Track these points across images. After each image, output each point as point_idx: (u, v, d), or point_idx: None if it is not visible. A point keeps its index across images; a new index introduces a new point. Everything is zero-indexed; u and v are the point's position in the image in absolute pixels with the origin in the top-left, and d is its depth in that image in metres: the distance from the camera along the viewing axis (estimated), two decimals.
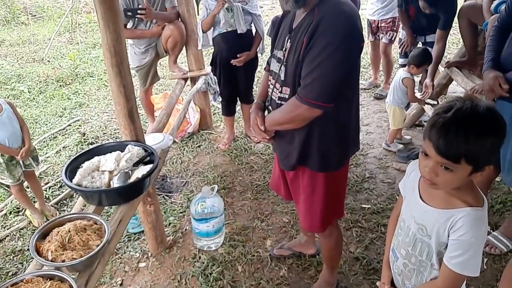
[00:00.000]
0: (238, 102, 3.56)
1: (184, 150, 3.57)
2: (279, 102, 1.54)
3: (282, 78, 1.51)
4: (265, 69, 1.77)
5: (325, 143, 1.53)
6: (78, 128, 4.14)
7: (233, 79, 3.28)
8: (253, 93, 3.52)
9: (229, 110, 3.53)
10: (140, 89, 3.66)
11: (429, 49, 3.12)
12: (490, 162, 1.02)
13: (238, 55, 3.10)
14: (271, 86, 1.60)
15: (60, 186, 3.17)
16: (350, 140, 1.62)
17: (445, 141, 0.97)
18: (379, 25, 4.08)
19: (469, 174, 1.02)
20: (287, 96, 1.50)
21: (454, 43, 5.38)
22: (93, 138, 3.87)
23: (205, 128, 3.87)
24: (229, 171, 3.22)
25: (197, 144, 3.66)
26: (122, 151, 1.96)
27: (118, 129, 4.00)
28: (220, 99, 3.56)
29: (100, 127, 4.12)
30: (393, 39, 4.07)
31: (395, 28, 4.02)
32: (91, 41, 7.16)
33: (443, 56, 3.17)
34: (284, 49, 1.49)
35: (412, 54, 3.05)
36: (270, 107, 1.64)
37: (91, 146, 3.48)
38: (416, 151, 3.10)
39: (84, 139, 3.83)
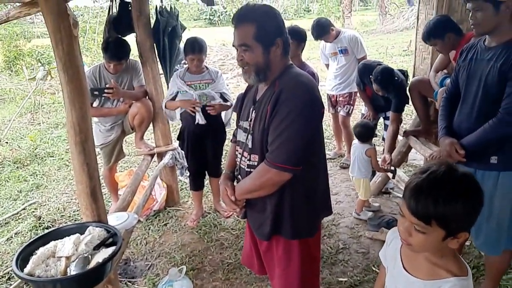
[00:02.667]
0: (207, 176, 3.51)
1: (149, 229, 3.38)
2: (248, 170, 1.58)
3: (250, 146, 1.56)
4: (231, 141, 1.83)
5: (297, 208, 1.55)
6: (33, 211, 3.86)
7: (201, 152, 3.27)
8: (222, 166, 3.50)
9: (197, 185, 3.46)
10: (104, 167, 3.55)
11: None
12: (464, 228, 1.02)
13: (212, 102, 3.08)
14: (239, 156, 1.64)
15: (9, 278, 2.84)
16: (320, 204, 1.66)
17: (416, 201, 1.00)
18: (337, 99, 4.35)
19: (443, 238, 1.02)
20: (256, 163, 1.54)
21: (408, 114, 5.77)
22: (49, 221, 3.61)
23: (172, 205, 3.73)
24: (198, 250, 3.05)
25: (163, 222, 3.49)
26: (82, 234, 1.81)
27: (78, 210, 3.77)
28: (188, 174, 3.51)
29: (58, 209, 3.87)
30: (350, 112, 4.32)
31: (351, 102, 4.29)
32: (53, 121, 7.06)
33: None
34: (249, 119, 1.57)
35: (358, 131, 3.20)
36: (239, 176, 1.66)
37: (47, 230, 3.22)
38: (386, 219, 3.11)
39: (40, 223, 3.55)
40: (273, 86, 1.50)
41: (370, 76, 3.24)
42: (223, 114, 3.28)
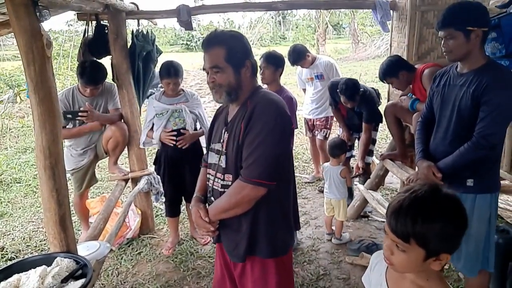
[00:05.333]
0: (183, 202, 3.41)
1: (121, 259, 3.21)
2: (222, 190, 1.58)
3: (224, 166, 1.57)
4: (202, 165, 1.85)
5: (272, 226, 1.56)
6: None
7: (178, 177, 3.18)
8: None
9: (173, 211, 3.34)
10: (75, 193, 3.39)
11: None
12: (445, 249, 1.01)
13: (181, 136, 3.01)
14: (212, 178, 1.65)
15: None
16: (292, 221, 1.68)
17: (396, 219, 1.01)
18: (314, 123, 4.39)
19: (423, 258, 1.01)
20: (230, 183, 1.55)
21: (383, 138, 5.90)
22: (13, 252, 3.37)
23: (147, 232, 3.58)
24: (174, 280, 2.91)
25: (137, 250, 3.33)
26: (49, 266, 1.69)
27: (45, 239, 3.56)
28: (163, 200, 3.39)
29: (24, 238, 3.64)
30: (327, 135, 4.37)
31: (328, 126, 4.35)
32: (22, 145, 6.78)
33: (375, 149, 3.44)
34: (222, 140, 1.60)
35: (330, 146, 3.26)
36: (212, 198, 1.65)
37: (10, 262, 3.00)
38: (366, 243, 3.09)
39: (3, 254, 3.32)
40: (245, 105, 1.55)
41: (338, 91, 3.33)
42: (201, 138, 3.22)
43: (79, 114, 2.90)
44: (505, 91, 1.78)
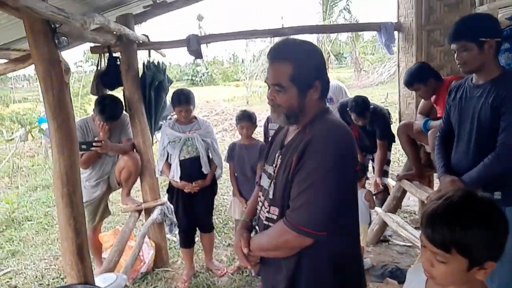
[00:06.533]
0: (197, 233, 3.33)
1: None
2: (266, 223, 1.39)
3: (271, 196, 1.38)
4: (256, 183, 1.67)
5: (315, 280, 1.32)
6: (8, 281, 3.53)
7: (191, 206, 3.13)
8: (214, 219, 3.35)
9: (187, 242, 3.27)
10: (88, 226, 3.33)
11: None
12: (489, 256, 0.96)
13: (193, 183, 3.03)
14: (260, 204, 1.47)
15: None
16: (352, 281, 1.38)
17: (432, 228, 0.96)
18: None
19: (467, 269, 0.95)
20: (275, 217, 1.35)
21: (395, 161, 5.83)
22: None
23: (161, 266, 3.48)
24: None
25: (151, 285, 3.22)
26: None
27: (58, 277, 3.48)
28: (177, 230, 3.33)
29: (36, 277, 3.55)
30: None
31: None
32: (32, 183, 6.79)
33: (390, 170, 3.39)
34: (274, 165, 1.40)
35: None
36: (257, 227, 1.47)
37: None
38: (389, 268, 2.97)
39: None
40: (303, 132, 1.32)
41: (348, 110, 3.31)
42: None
43: (94, 144, 2.90)
44: None
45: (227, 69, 26.46)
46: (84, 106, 10.54)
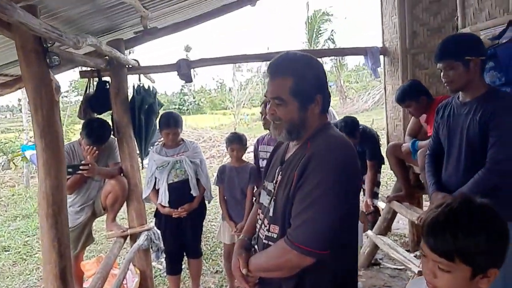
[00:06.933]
0: (184, 260, 3.22)
1: None
2: (265, 241, 1.34)
3: (271, 214, 1.33)
4: (254, 201, 1.63)
5: None
6: None
7: (179, 231, 3.05)
8: (201, 245, 3.26)
9: (174, 269, 3.16)
10: None
11: None
12: (492, 263, 0.94)
13: (179, 208, 2.96)
14: (259, 222, 1.42)
15: None
16: None
17: (434, 237, 0.94)
18: None
19: (470, 277, 0.93)
20: (275, 236, 1.30)
21: (383, 185, 5.85)
22: None
23: None
24: None
25: None
26: None
27: None
28: (164, 257, 3.21)
29: None
30: None
31: None
32: (12, 213, 6.56)
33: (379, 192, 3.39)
34: (274, 181, 1.35)
35: None
36: (256, 247, 1.42)
37: None
38: None
39: None
40: (304, 147, 1.28)
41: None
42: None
43: (80, 167, 2.82)
44: (511, 115, 1.79)
45: (215, 98, 26.70)
46: (68, 135, 10.39)
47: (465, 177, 1.92)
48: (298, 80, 1.26)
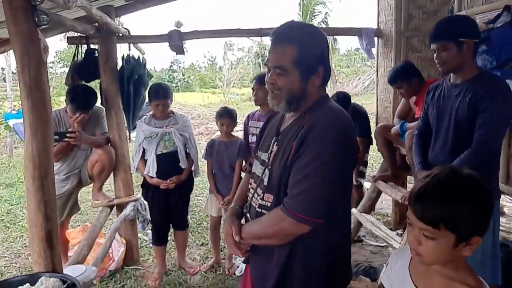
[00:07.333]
0: (170, 232, 3.24)
1: None
2: (259, 210, 1.35)
3: (265, 183, 1.34)
4: (246, 171, 1.63)
5: (310, 267, 1.30)
6: None
7: (166, 203, 3.05)
8: (188, 217, 3.28)
9: (160, 239, 3.17)
10: None
11: None
12: (477, 232, 0.97)
13: (168, 179, 2.96)
14: (252, 191, 1.42)
15: None
16: (340, 267, 1.37)
17: (421, 204, 0.97)
18: None
19: (454, 244, 0.96)
20: (269, 205, 1.32)
21: (369, 167, 5.93)
22: None
23: (131, 264, 3.35)
24: None
25: (120, 284, 3.09)
26: (32, 285, 1.53)
27: (19, 275, 3.28)
28: (150, 228, 3.22)
29: None
30: None
31: None
32: None
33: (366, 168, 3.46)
34: (269, 151, 1.36)
35: None
36: (248, 215, 1.43)
37: None
38: (362, 267, 3.00)
39: None
40: (302, 118, 1.29)
41: None
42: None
43: (67, 135, 2.78)
44: (501, 99, 1.83)
45: (205, 76, 26.38)
46: (53, 107, 10.11)
47: (451, 157, 1.96)
48: (302, 49, 1.24)
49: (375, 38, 3.46)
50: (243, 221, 1.45)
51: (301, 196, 1.20)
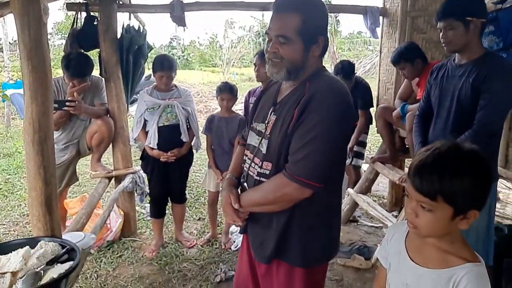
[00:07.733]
0: (168, 206, 3.26)
1: (101, 261, 3.01)
2: (257, 178, 1.37)
3: (264, 151, 1.35)
4: (239, 143, 1.64)
5: (308, 231, 1.34)
6: None
7: (165, 176, 3.06)
8: (187, 191, 3.30)
9: (158, 212, 3.20)
10: None
11: None
12: (474, 206, 0.98)
13: (169, 152, 2.96)
14: (248, 161, 1.43)
15: None
16: (336, 231, 1.44)
17: (420, 176, 0.97)
18: None
19: (451, 217, 0.97)
20: (267, 172, 1.33)
21: (367, 150, 5.95)
22: None
23: (128, 235, 3.39)
24: (158, 282, 2.75)
25: (117, 253, 3.14)
26: (32, 248, 1.54)
27: (18, 239, 3.32)
28: (148, 201, 3.24)
29: None
30: None
31: None
32: None
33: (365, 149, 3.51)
34: (267, 121, 1.37)
35: None
36: (245, 185, 1.44)
37: None
38: (357, 245, 3.04)
39: None
40: (302, 87, 1.30)
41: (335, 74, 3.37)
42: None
43: (67, 103, 2.75)
44: (505, 80, 1.81)
45: (205, 53, 26.02)
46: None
47: (452, 137, 1.95)
48: (306, 18, 1.25)
49: (380, 18, 3.40)
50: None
51: (304, 161, 1.23)
